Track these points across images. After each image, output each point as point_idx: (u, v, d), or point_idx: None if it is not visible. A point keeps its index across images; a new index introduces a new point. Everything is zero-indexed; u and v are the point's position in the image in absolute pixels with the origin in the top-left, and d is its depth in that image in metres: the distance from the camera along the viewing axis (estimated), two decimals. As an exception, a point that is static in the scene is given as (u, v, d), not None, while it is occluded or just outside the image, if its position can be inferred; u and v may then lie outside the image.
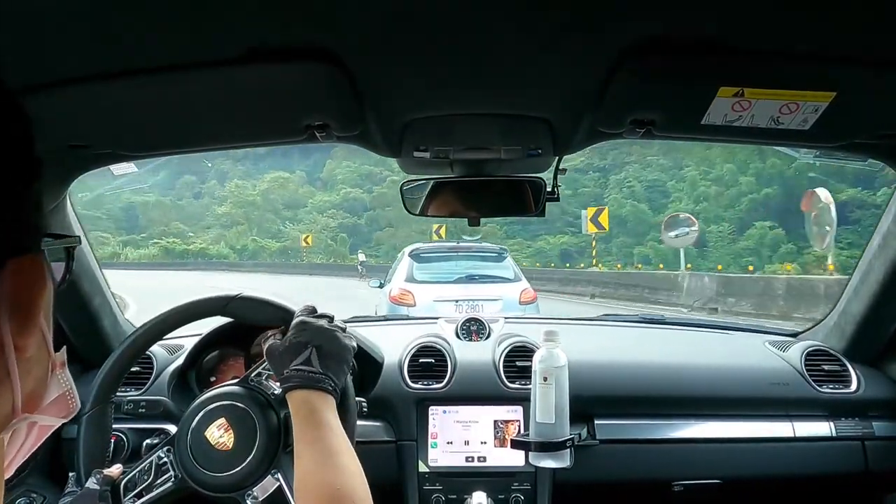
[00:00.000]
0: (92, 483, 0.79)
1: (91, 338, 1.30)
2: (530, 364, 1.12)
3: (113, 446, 1.07)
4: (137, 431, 1.15)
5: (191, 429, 0.81)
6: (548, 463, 1.10)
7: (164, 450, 0.83)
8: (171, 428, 1.07)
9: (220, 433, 0.80)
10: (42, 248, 0.37)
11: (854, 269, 1.32)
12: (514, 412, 1.25)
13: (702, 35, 0.63)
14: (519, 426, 1.23)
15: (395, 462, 1.22)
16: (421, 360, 1.31)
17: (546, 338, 1.11)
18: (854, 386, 1.28)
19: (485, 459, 1.22)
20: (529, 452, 1.12)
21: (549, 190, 1.10)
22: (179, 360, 1.24)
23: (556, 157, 1.08)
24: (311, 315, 0.83)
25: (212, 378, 1.18)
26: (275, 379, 0.82)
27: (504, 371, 1.30)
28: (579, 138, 0.96)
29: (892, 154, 1.00)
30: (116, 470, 0.82)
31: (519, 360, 1.31)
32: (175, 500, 0.82)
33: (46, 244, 0.38)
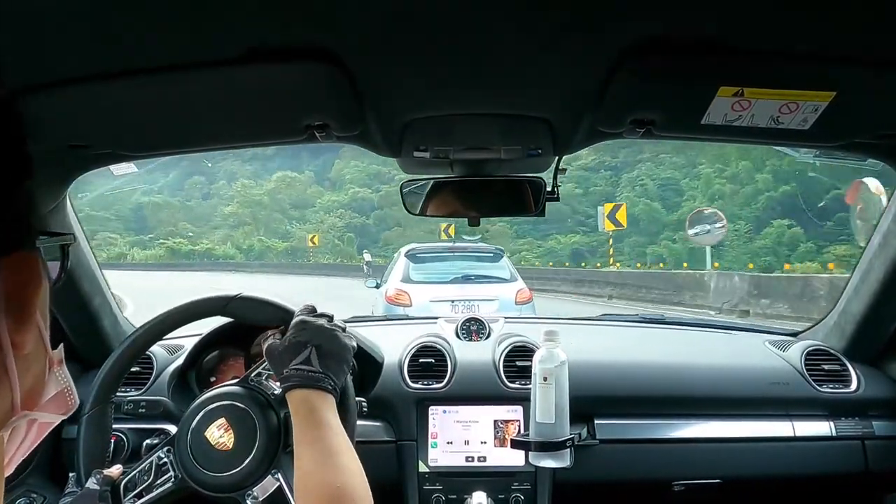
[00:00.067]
0: (92, 483, 0.79)
1: (91, 338, 1.30)
2: (530, 364, 1.12)
3: (113, 446, 1.07)
4: (137, 431, 1.15)
5: (191, 429, 0.81)
6: (548, 463, 1.10)
7: (164, 450, 0.83)
8: (171, 428, 1.07)
9: (220, 433, 0.80)
10: (37, 246, 0.37)
11: (854, 268, 1.32)
12: (514, 412, 1.25)
13: (702, 35, 0.63)
14: (519, 426, 1.23)
15: (395, 462, 1.22)
16: (421, 360, 1.31)
17: (546, 338, 1.11)
18: (854, 385, 1.28)
19: (485, 459, 1.22)
20: (529, 452, 1.12)
21: (549, 190, 1.10)
22: (179, 360, 1.24)
23: (556, 157, 1.08)
24: (310, 314, 0.83)
25: (212, 378, 1.18)
26: (275, 379, 0.82)
27: (504, 371, 1.30)
28: (579, 138, 0.96)
29: (892, 154, 1.00)
30: (116, 470, 0.82)
31: (519, 359, 1.31)
32: (175, 500, 0.82)
33: (41, 242, 0.38)
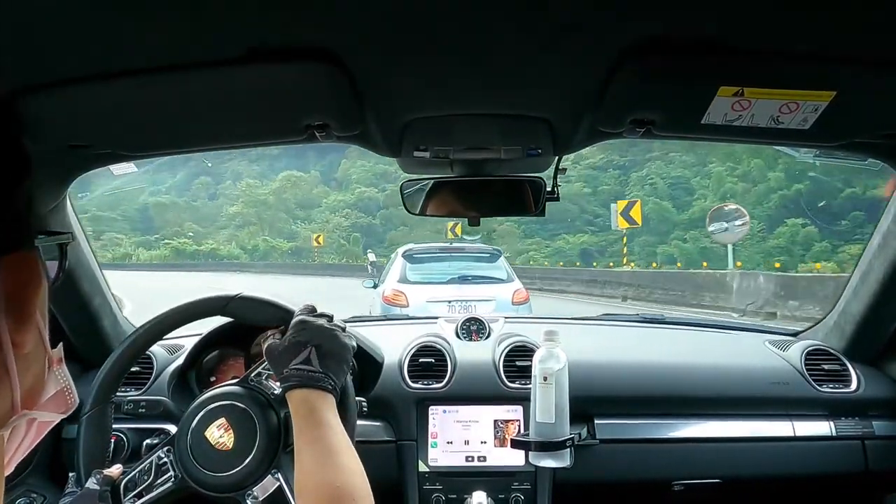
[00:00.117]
0: (92, 483, 0.79)
1: (91, 338, 1.30)
2: (530, 364, 1.12)
3: (113, 446, 1.07)
4: (137, 431, 1.15)
5: (191, 429, 0.81)
6: (548, 463, 1.10)
7: (164, 450, 0.83)
8: (171, 428, 1.07)
9: (220, 433, 0.80)
10: (36, 246, 0.37)
11: (854, 268, 1.32)
12: (514, 412, 1.25)
13: (702, 35, 0.63)
14: (519, 426, 1.23)
15: (395, 462, 1.22)
16: (421, 360, 1.32)
17: (546, 338, 1.11)
18: (854, 385, 1.28)
19: (485, 459, 1.22)
20: (529, 452, 1.12)
21: (549, 190, 1.10)
22: (179, 360, 1.24)
23: (556, 157, 1.08)
24: (310, 314, 0.83)
25: (212, 378, 1.18)
26: (275, 379, 0.82)
27: (504, 371, 1.30)
28: (579, 138, 0.96)
29: (892, 154, 1.00)
30: (116, 470, 0.82)
31: (519, 359, 1.31)
32: (175, 500, 0.82)
33: (40, 241, 0.38)
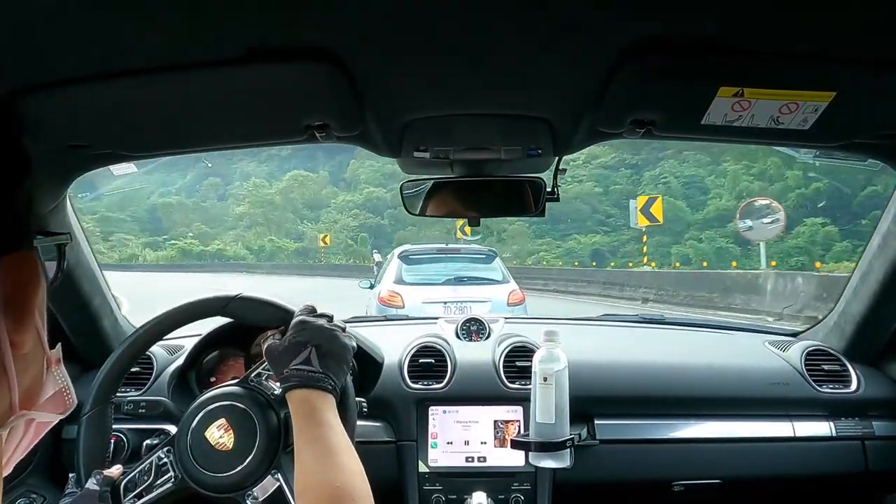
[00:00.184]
0: (92, 484, 0.79)
1: (91, 338, 1.30)
2: (530, 364, 1.12)
3: (113, 447, 1.07)
4: (137, 432, 1.15)
5: (191, 429, 0.81)
6: (548, 463, 1.10)
7: (164, 450, 0.83)
8: (171, 428, 1.07)
9: (220, 433, 0.80)
10: (35, 246, 0.37)
11: (854, 268, 1.33)
12: (514, 412, 1.25)
13: (702, 35, 0.63)
14: (519, 426, 1.23)
15: (395, 462, 1.22)
16: (421, 361, 1.32)
17: (546, 338, 1.11)
18: (854, 386, 1.28)
19: (485, 459, 1.22)
20: (529, 452, 1.12)
21: (548, 190, 1.10)
22: (179, 361, 1.24)
23: (556, 158, 1.08)
24: (310, 315, 0.83)
25: (212, 378, 1.18)
26: (275, 379, 0.82)
27: (504, 371, 1.30)
28: (579, 138, 0.96)
29: (892, 154, 1.00)
30: (116, 470, 0.82)
31: (519, 360, 1.31)
32: (175, 500, 0.82)
33: (39, 242, 0.38)
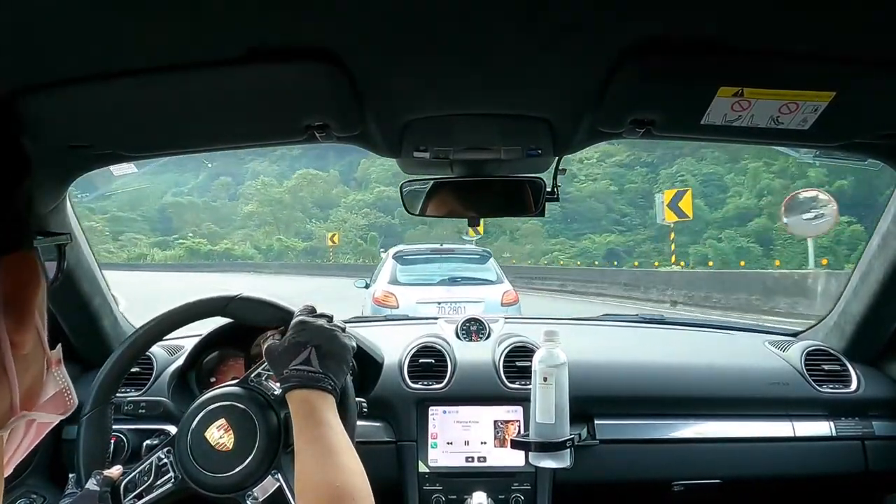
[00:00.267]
0: (92, 484, 0.79)
1: (91, 338, 1.30)
2: (530, 364, 1.12)
3: (113, 447, 1.07)
4: (137, 432, 1.15)
5: (191, 429, 0.81)
6: (548, 463, 1.10)
7: (164, 450, 0.83)
8: (171, 429, 1.07)
9: (220, 434, 0.80)
10: (35, 246, 0.37)
11: (854, 269, 1.33)
12: (514, 412, 1.25)
13: (702, 35, 0.63)
14: (519, 426, 1.23)
15: (395, 462, 1.22)
16: (421, 361, 1.32)
17: (546, 338, 1.11)
18: (854, 386, 1.28)
19: (485, 459, 1.22)
20: (529, 452, 1.12)
21: (548, 190, 1.10)
22: (179, 361, 1.24)
23: (556, 158, 1.08)
24: (310, 315, 0.83)
25: (212, 378, 1.18)
26: (274, 379, 0.82)
27: (504, 371, 1.30)
28: (579, 138, 0.96)
29: (892, 154, 1.00)
30: (116, 471, 0.82)
31: (519, 360, 1.31)
32: (175, 500, 0.82)
33: (38, 242, 0.38)
